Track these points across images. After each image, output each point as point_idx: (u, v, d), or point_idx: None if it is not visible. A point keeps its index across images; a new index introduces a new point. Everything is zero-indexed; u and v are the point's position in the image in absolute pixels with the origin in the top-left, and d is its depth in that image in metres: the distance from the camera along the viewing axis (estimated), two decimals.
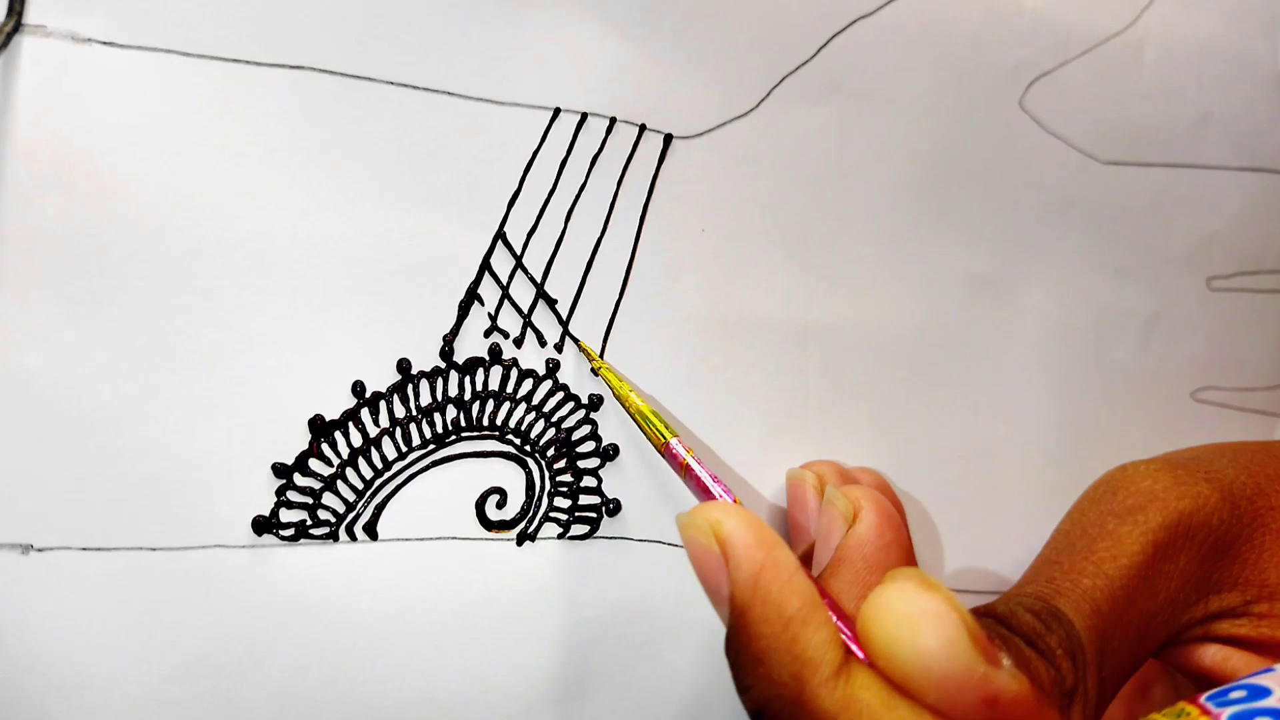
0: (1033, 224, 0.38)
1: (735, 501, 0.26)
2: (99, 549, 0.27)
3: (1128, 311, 0.40)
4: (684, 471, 0.28)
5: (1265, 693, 0.21)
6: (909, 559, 0.27)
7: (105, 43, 0.26)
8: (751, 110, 0.33)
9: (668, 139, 0.31)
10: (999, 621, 0.23)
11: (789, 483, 0.33)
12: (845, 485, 0.29)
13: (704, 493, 0.27)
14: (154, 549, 0.27)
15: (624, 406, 0.30)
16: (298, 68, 0.28)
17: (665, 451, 0.28)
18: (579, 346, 0.31)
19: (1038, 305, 0.38)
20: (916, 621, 0.20)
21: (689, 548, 0.23)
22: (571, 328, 0.31)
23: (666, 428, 0.28)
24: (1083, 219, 0.39)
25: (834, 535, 0.28)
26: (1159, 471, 0.26)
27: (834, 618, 0.22)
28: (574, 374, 0.31)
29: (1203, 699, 0.21)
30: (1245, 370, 0.43)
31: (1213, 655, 0.26)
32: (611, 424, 0.31)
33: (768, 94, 0.33)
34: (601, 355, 0.31)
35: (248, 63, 0.27)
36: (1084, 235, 0.39)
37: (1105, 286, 0.40)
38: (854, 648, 0.22)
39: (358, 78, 0.28)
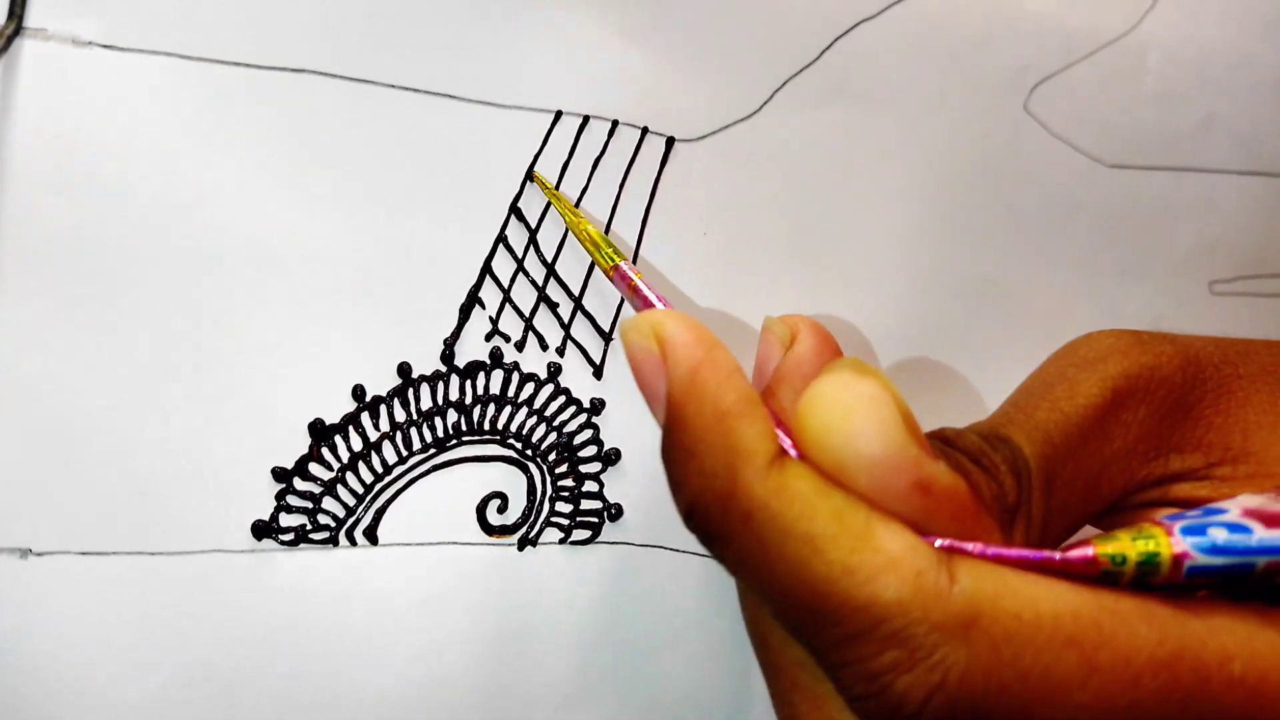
0: (1039, 227, 0.37)
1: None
2: (98, 553, 0.27)
3: (1132, 315, 0.40)
4: (632, 293, 0.26)
5: (1221, 511, 0.20)
6: None
7: (106, 46, 0.26)
8: (754, 113, 0.32)
9: (670, 142, 0.31)
10: (944, 442, 0.23)
11: (762, 332, 0.30)
12: (785, 315, 0.29)
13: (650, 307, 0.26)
14: (154, 553, 0.27)
15: (573, 233, 0.29)
16: (298, 71, 0.27)
17: (614, 275, 0.27)
18: (534, 178, 0.30)
19: (1044, 309, 0.38)
20: (850, 405, 0.20)
21: (629, 352, 0.22)
22: (573, 332, 0.31)
23: (616, 252, 0.27)
24: (1088, 222, 0.38)
25: (771, 360, 0.27)
26: (1122, 332, 0.26)
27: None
28: (576, 378, 0.31)
29: (1177, 528, 0.20)
30: None
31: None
32: (614, 428, 0.31)
33: (770, 97, 0.33)
34: (603, 360, 0.31)
35: (248, 66, 0.27)
36: (1090, 239, 0.38)
37: (1110, 290, 0.39)
38: (790, 450, 0.21)
39: (358, 81, 0.28)
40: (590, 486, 0.31)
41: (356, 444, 0.29)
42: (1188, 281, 0.41)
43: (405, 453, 0.29)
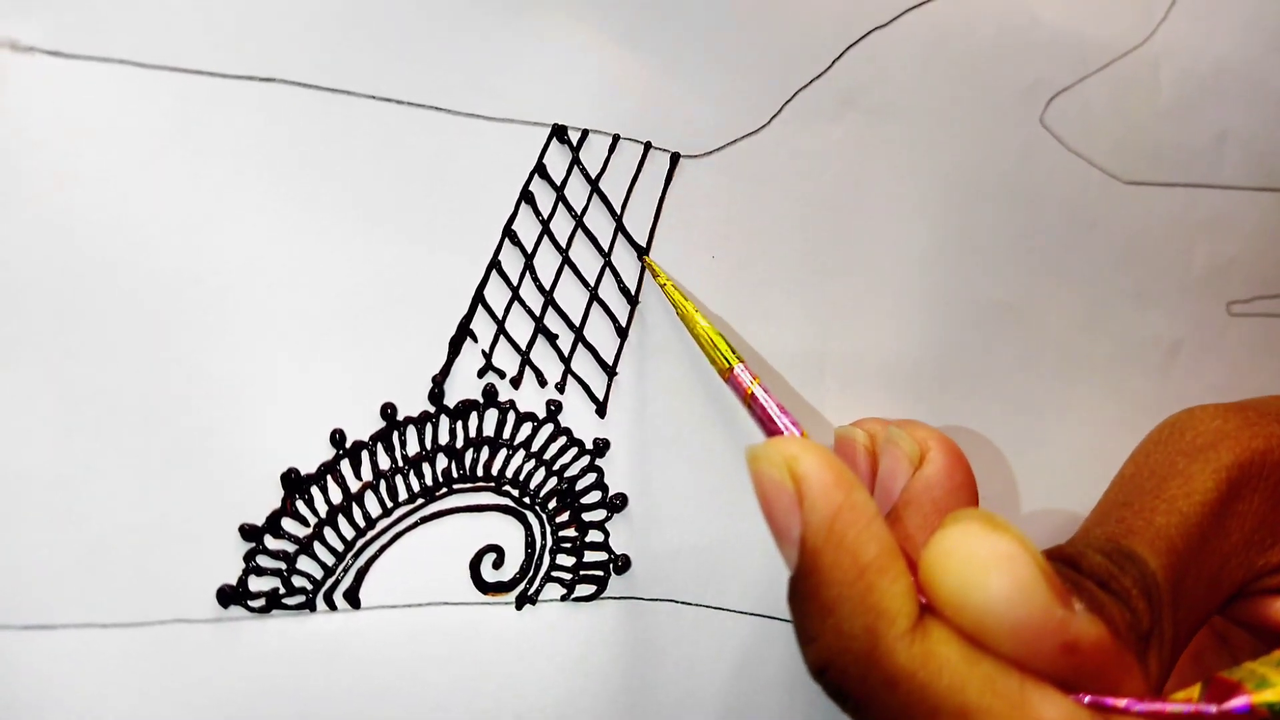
0: (1055, 246, 0.36)
1: (804, 435, 0.25)
2: (43, 627, 0.24)
3: (1149, 338, 0.39)
4: (749, 401, 0.26)
5: None
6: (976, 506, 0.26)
7: (50, 52, 0.24)
8: (762, 127, 0.31)
9: (675, 158, 0.29)
10: (1067, 564, 0.22)
11: (837, 441, 0.30)
12: (908, 424, 0.28)
13: (769, 425, 0.25)
14: (105, 625, 0.25)
15: (687, 327, 0.28)
16: (268, 80, 0.25)
17: (729, 378, 0.27)
18: (644, 263, 0.29)
19: (1059, 333, 0.37)
20: (986, 564, 0.19)
21: (758, 482, 0.22)
22: (574, 367, 0.28)
23: (733, 352, 0.27)
24: (1104, 241, 0.37)
25: (898, 478, 0.27)
26: (1228, 412, 0.25)
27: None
28: (578, 417, 0.28)
29: None
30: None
31: None
32: (619, 471, 0.29)
33: (779, 110, 0.31)
34: (606, 397, 0.29)
35: (211, 75, 0.25)
36: (1106, 258, 0.38)
37: (1127, 312, 0.38)
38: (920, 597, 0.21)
39: (335, 91, 0.26)
40: (594, 536, 0.29)
41: (335, 496, 0.26)
42: (1205, 303, 0.40)
43: (390, 504, 0.27)
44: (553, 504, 0.28)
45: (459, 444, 0.27)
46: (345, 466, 0.26)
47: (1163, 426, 0.26)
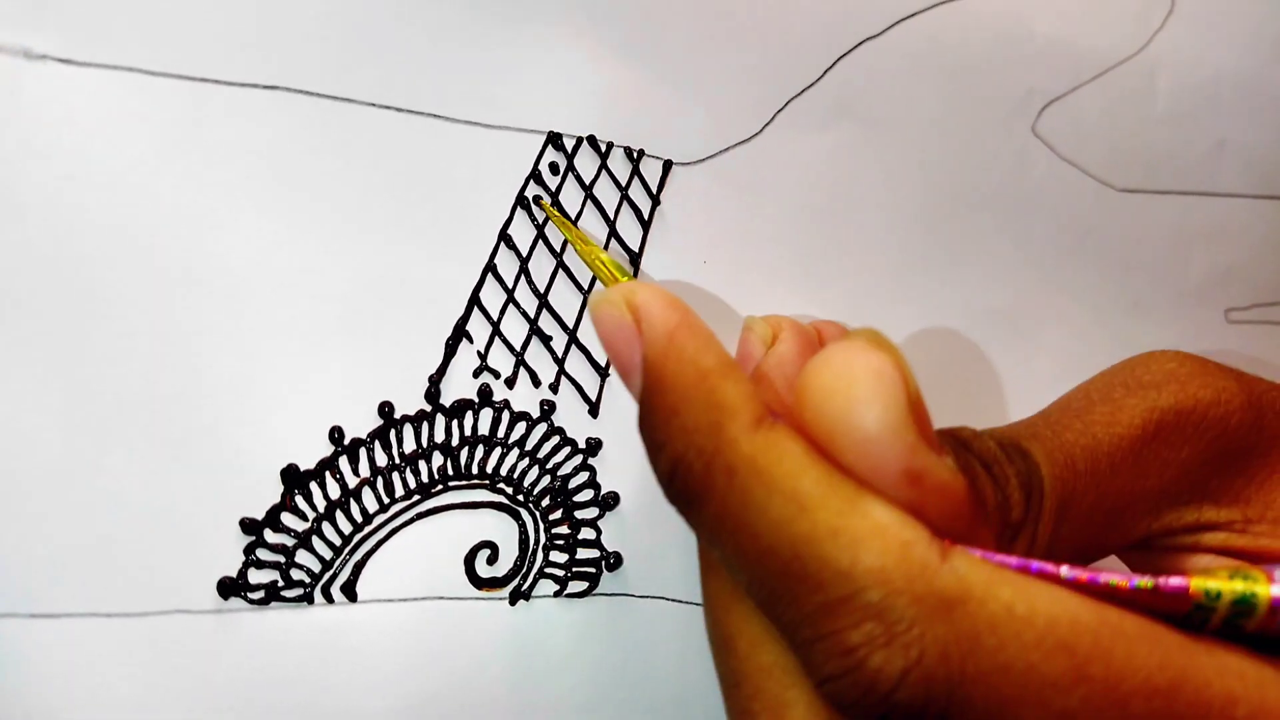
0: (1049, 255, 0.36)
1: None
2: (48, 615, 0.25)
3: (1147, 347, 0.39)
4: None
5: None
6: None
7: (62, 60, 0.24)
8: (755, 135, 0.31)
9: (667, 165, 0.30)
10: (958, 442, 0.21)
11: (741, 332, 0.29)
12: (767, 315, 0.28)
13: None
14: (109, 615, 0.25)
15: (578, 253, 0.27)
16: (271, 88, 0.26)
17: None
18: (540, 205, 0.28)
19: (1056, 342, 0.37)
20: (856, 375, 0.19)
21: (601, 324, 0.21)
22: (568, 368, 0.29)
23: (622, 272, 0.26)
24: (1100, 249, 0.37)
25: (752, 359, 0.26)
26: (1187, 358, 0.24)
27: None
28: (571, 417, 0.29)
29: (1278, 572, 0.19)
30: None
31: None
32: (611, 470, 0.29)
33: (772, 118, 0.31)
34: (599, 398, 0.29)
35: (217, 82, 0.25)
36: (1101, 266, 0.37)
37: (1124, 320, 0.38)
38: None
39: (336, 99, 0.26)
40: (587, 534, 0.29)
41: (334, 491, 0.27)
42: (1203, 310, 0.40)
43: (387, 500, 0.27)
44: (546, 502, 0.29)
45: (455, 442, 0.28)
46: (344, 463, 0.27)
47: (1119, 362, 0.25)
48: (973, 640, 0.17)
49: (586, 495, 0.29)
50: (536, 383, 0.29)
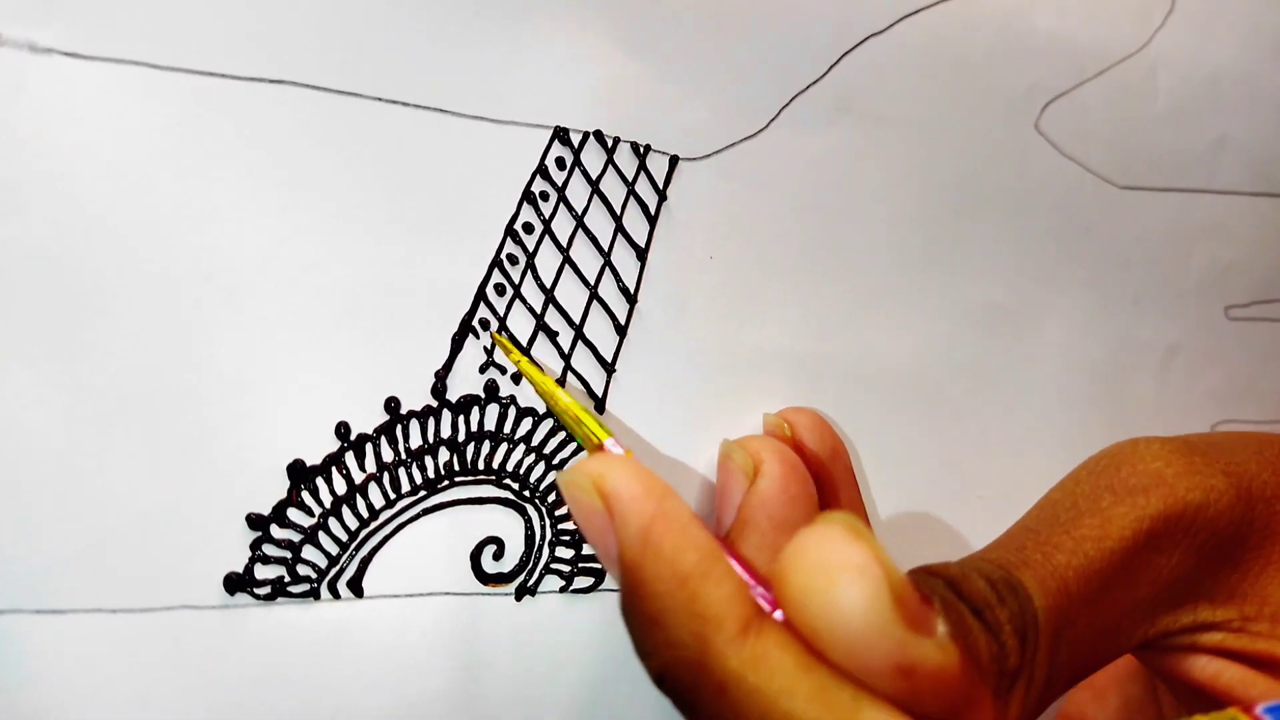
0: (1051, 251, 0.36)
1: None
2: (53, 611, 0.25)
3: (1147, 343, 0.39)
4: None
5: None
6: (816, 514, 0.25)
7: (67, 54, 0.24)
8: (761, 131, 0.31)
9: (674, 160, 0.30)
10: (948, 584, 0.21)
11: (719, 460, 0.28)
12: (746, 438, 0.27)
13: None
14: (115, 611, 0.25)
15: (548, 404, 0.27)
16: (278, 82, 0.26)
17: (600, 453, 0.25)
18: (494, 339, 0.28)
19: (1057, 337, 0.37)
20: (833, 570, 0.18)
21: (571, 507, 0.21)
22: (573, 362, 0.29)
23: (601, 427, 0.26)
24: (1101, 246, 0.38)
25: (734, 494, 0.26)
26: (1173, 454, 0.23)
27: (742, 573, 0.20)
28: None
29: (1260, 709, 0.19)
30: (1265, 403, 0.42)
31: (1203, 667, 0.24)
32: None
33: (777, 114, 0.31)
34: (605, 392, 0.29)
35: (223, 76, 0.25)
36: (1102, 263, 0.38)
37: (1124, 316, 0.39)
38: (765, 606, 0.20)
39: (343, 93, 0.26)
40: None
41: (340, 487, 0.27)
42: (1202, 307, 0.40)
43: (393, 495, 0.27)
44: (552, 497, 0.29)
45: (461, 438, 0.28)
46: (350, 458, 0.27)
47: (1102, 454, 0.24)
48: None
49: None
50: None
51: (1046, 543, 0.22)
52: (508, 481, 0.28)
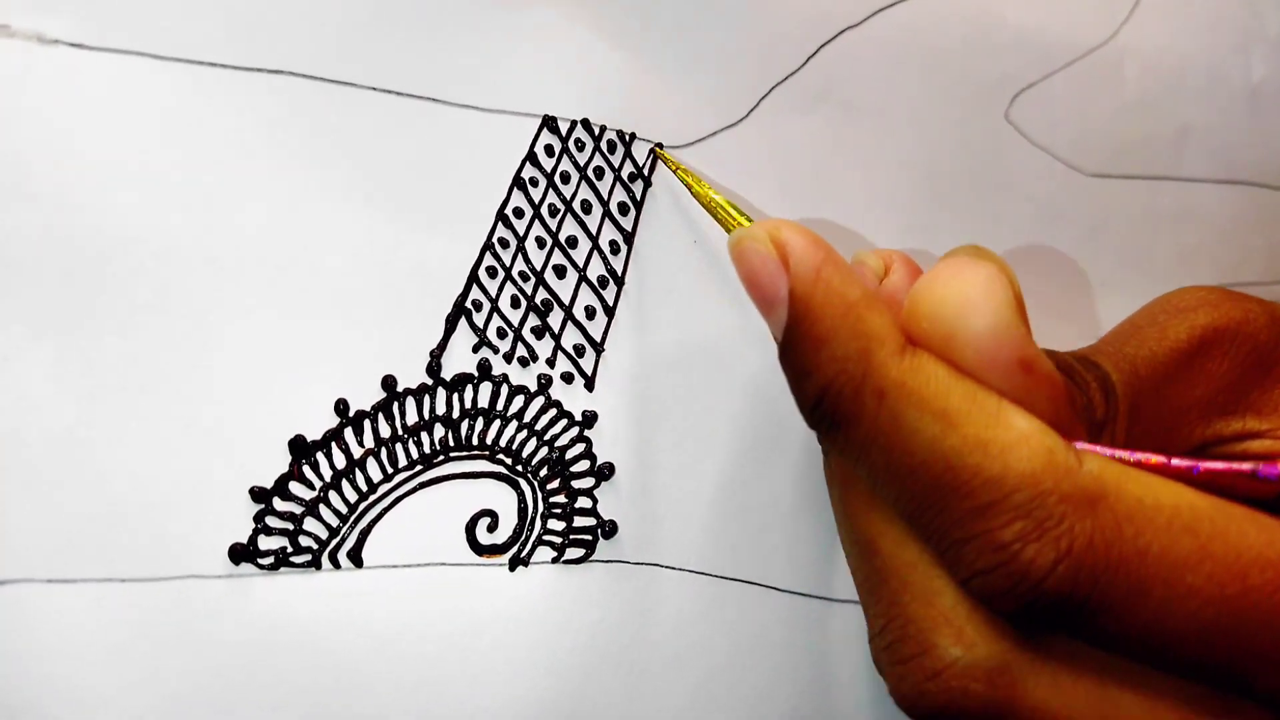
0: (1021, 236, 0.38)
1: None
2: (65, 580, 0.26)
3: (1113, 325, 0.40)
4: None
5: None
6: None
7: (73, 44, 0.25)
8: (742, 119, 0.32)
9: (659, 148, 0.31)
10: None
11: (853, 265, 0.31)
12: (873, 250, 0.30)
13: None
14: (124, 580, 0.26)
15: (695, 195, 0.29)
16: (275, 72, 0.27)
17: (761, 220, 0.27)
18: (656, 153, 0.30)
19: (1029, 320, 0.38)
20: (967, 281, 0.21)
21: (745, 259, 0.23)
22: (563, 342, 0.30)
23: (745, 217, 0.27)
24: (1069, 232, 0.39)
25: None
26: (1215, 288, 0.27)
27: None
28: (566, 390, 0.30)
29: (1260, 468, 0.22)
30: None
31: None
32: (607, 442, 0.30)
33: (757, 103, 0.32)
34: (595, 372, 0.30)
35: (223, 66, 0.26)
36: (1071, 248, 0.39)
37: (1092, 300, 0.39)
38: None
39: (339, 83, 0.27)
40: (583, 503, 0.30)
41: (339, 461, 0.28)
42: (1168, 290, 0.41)
43: (390, 470, 0.28)
44: (544, 472, 0.30)
45: (455, 415, 0.29)
46: (349, 434, 0.28)
47: (1157, 298, 0.28)
48: (1114, 530, 0.20)
49: (583, 466, 0.30)
50: (534, 357, 0.30)
51: (1115, 341, 0.26)
52: (501, 456, 0.29)
